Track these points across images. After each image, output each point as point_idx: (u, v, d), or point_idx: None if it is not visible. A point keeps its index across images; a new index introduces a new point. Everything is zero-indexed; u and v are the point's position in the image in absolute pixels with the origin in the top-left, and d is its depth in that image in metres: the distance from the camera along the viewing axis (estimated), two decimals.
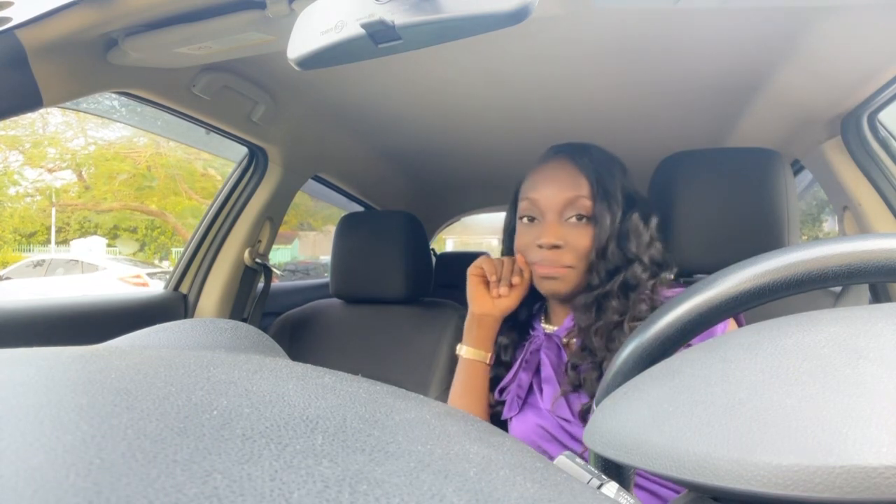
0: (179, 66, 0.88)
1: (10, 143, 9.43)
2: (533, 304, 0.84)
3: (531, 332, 0.82)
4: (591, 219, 0.74)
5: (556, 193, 0.75)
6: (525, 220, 0.78)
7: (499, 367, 0.82)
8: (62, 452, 0.13)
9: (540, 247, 0.74)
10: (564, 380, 0.73)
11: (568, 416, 0.71)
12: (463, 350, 0.83)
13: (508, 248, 0.82)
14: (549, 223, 0.75)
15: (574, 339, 0.76)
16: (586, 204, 0.74)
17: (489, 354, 0.82)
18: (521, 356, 0.78)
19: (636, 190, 0.78)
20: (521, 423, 0.76)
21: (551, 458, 0.27)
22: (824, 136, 1.11)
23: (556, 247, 0.73)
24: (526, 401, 0.77)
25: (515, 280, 0.78)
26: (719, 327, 0.63)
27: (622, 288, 0.72)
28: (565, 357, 0.75)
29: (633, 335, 0.34)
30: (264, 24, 0.73)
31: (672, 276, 0.76)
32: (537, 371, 0.77)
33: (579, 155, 0.77)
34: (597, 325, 0.71)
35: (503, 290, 0.78)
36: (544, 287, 0.76)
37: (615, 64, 1.03)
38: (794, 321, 0.24)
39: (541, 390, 0.75)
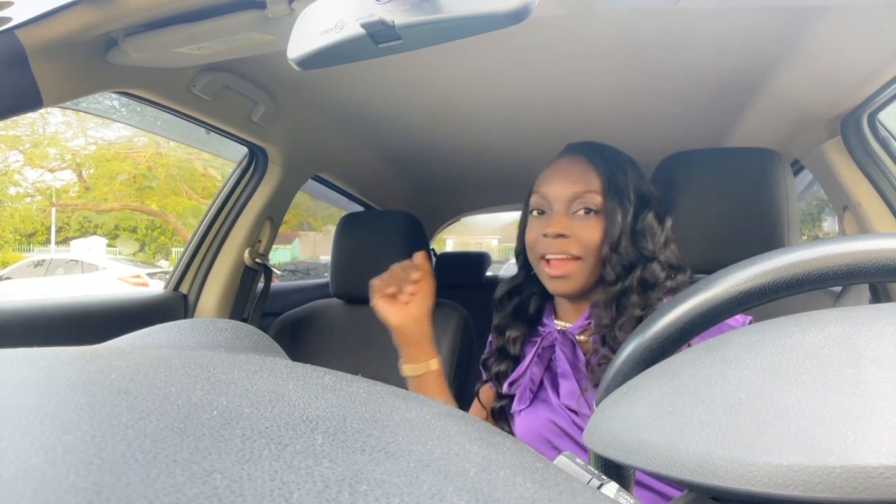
0: (179, 66, 0.88)
1: (10, 143, 9.43)
2: (541, 300, 0.84)
3: (540, 329, 0.82)
4: (601, 213, 0.74)
5: (564, 187, 0.75)
6: (535, 213, 0.79)
7: (506, 361, 0.82)
8: (62, 452, 0.13)
9: (545, 236, 0.74)
10: (585, 378, 0.72)
11: (587, 410, 0.71)
12: (404, 368, 0.83)
13: (522, 242, 0.83)
14: (556, 214, 0.75)
15: (589, 337, 0.76)
16: (595, 198, 0.74)
17: (433, 360, 0.82)
18: (534, 350, 0.78)
19: (651, 190, 0.78)
20: (531, 417, 0.76)
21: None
22: (824, 136, 1.11)
23: (561, 235, 0.73)
24: (536, 395, 0.77)
25: (415, 276, 0.81)
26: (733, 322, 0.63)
27: (641, 285, 0.72)
28: (581, 354, 0.75)
29: (633, 335, 0.34)
30: (264, 24, 0.73)
31: (689, 278, 0.75)
32: (548, 367, 0.77)
33: (591, 152, 0.78)
34: (620, 322, 0.71)
35: (408, 292, 0.81)
36: (553, 287, 0.76)
37: (615, 64, 1.03)
38: (794, 321, 0.24)
39: (554, 386, 0.75)
